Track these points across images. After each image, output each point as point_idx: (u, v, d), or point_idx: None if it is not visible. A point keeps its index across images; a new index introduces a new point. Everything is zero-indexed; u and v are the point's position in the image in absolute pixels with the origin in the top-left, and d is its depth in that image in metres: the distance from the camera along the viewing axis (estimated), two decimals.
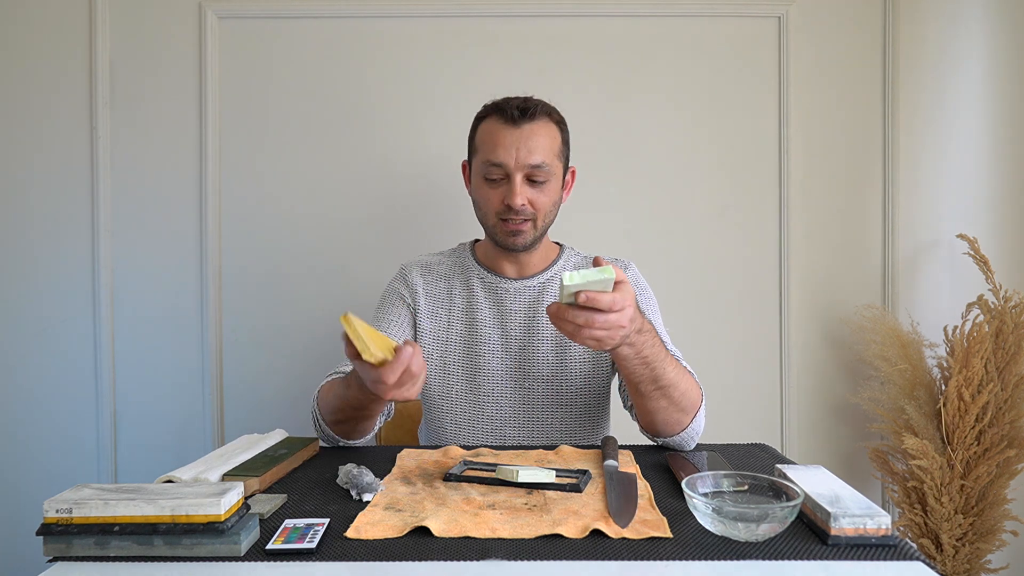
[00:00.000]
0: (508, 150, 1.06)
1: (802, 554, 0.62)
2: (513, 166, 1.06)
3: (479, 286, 1.17)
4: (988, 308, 1.51)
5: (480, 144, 1.12)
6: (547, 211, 1.12)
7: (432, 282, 1.19)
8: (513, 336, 1.14)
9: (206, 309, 1.61)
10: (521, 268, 1.18)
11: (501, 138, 1.07)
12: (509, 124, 1.07)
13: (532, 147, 1.06)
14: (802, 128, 1.63)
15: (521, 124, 1.07)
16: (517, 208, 1.07)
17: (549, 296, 1.16)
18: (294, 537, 0.65)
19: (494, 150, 1.07)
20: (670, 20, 1.62)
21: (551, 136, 1.10)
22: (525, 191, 1.08)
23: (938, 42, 1.64)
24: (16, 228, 1.61)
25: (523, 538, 0.65)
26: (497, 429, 1.13)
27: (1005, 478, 1.50)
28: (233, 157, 1.62)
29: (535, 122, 1.08)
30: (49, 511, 0.62)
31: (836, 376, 1.67)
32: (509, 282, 1.16)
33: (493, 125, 1.09)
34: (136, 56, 1.61)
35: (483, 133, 1.11)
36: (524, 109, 1.07)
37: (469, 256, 1.21)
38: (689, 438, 1.01)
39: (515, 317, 1.15)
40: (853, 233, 1.65)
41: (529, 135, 1.07)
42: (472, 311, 1.16)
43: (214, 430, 1.62)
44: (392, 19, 1.61)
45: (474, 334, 1.15)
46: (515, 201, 1.06)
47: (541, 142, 1.08)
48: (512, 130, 1.07)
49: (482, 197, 1.12)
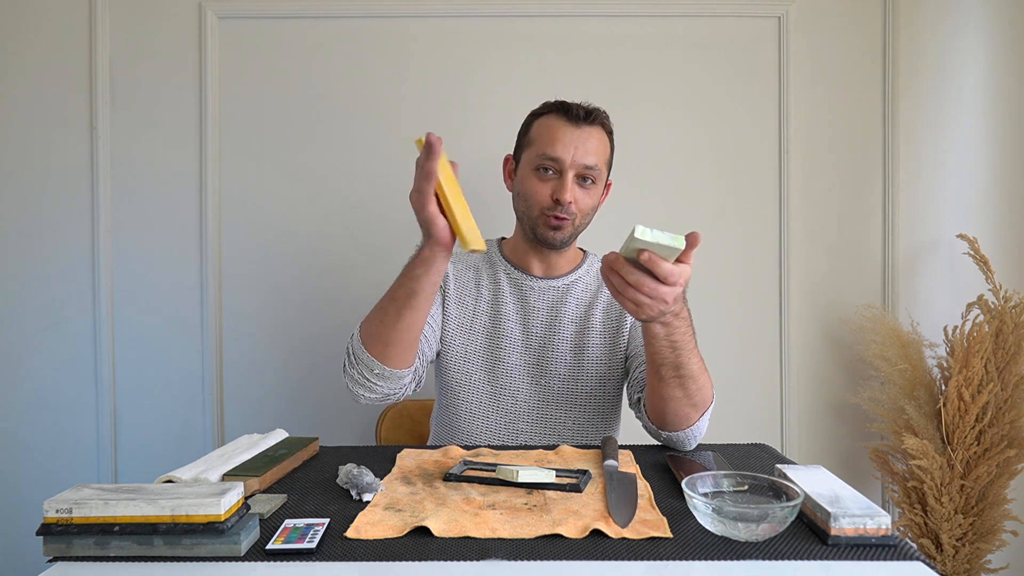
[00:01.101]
0: (567, 147, 1.10)
1: (802, 554, 0.62)
2: (569, 163, 1.11)
3: (505, 281, 1.20)
4: (988, 308, 1.51)
5: (537, 138, 1.15)
6: (586, 213, 1.16)
7: (462, 271, 1.22)
8: (535, 333, 1.17)
9: (206, 309, 1.61)
10: (548, 268, 1.21)
11: (562, 135, 1.11)
12: (571, 123, 1.12)
13: (589, 149, 1.11)
14: (802, 128, 1.63)
15: (582, 126, 1.12)
16: (565, 203, 1.11)
17: (572, 297, 1.19)
18: (294, 537, 0.65)
19: (552, 145, 1.11)
20: (670, 20, 1.62)
21: (604, 143, 1.15)
22: (576, 190, 1.12)
23: (938, 42, 1.64)
24: (16, 228, 1.61)
25: (523, 538, 0.65)
26: (511, 423, 1.15)
27: (1005, 478, 1.50)
28: (233, 157, 1.62)
29: (594, 127, 1.13)
30: (49, 511, 0.62)
31: (836, 376, 1.67)
32: (535, 280, 1.20)
33: (554, 121, 1.13)
34: (136, 56, 1.61)
35: (542, 127, 1.15)
36: (588, 112, 1.13)
37: (497, 252, 1.25)
38: (692, 437, 1.01)
39: (538, 315, 1.18)
40: (853, 233, 1.65)
41: (588, 137, 1.12)
42: (497, 304, 1.19)
43: (214, 430, 1.62)
44: (392, 19, 1.61)
45: (497, 327, 1.17)
46: (565, 196, 1.10)
47: (596, 146, 1.13)
48: (573, 129, 1.12)
49: (530, 189, 1.14)
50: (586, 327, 1.18)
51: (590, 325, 1.18)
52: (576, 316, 1.18)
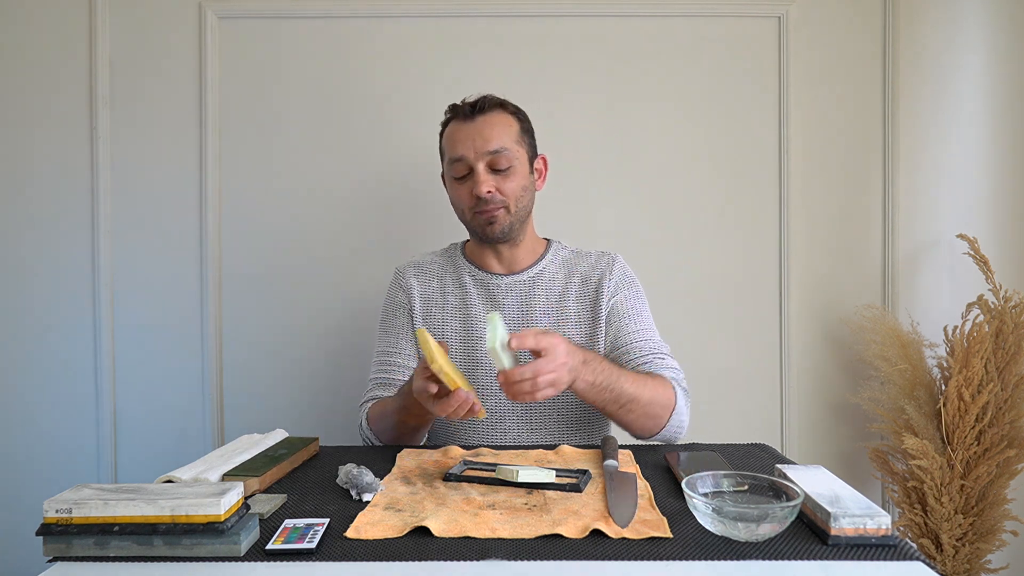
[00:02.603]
0: (465, 143, 1.12)
1: (802, 554, 0.62)
2: (473, 156, 1.12)
3: (471, 283, 1.20)
4: (988, 308, 1.51)
5: (445, 147, 1.18)
6: (517, 196, 1.15)
7: (426, 282, 1.22)
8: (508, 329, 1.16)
9: (206, 310, 1.61)
10: (509, 264, 1.21)
11: (458, 134, 1.14)
12: (464, 120, 1.14)
13: (487, 136, 1.12)
14: (802, 128, 1.63)
15: (474, 117, 1.13)
16: (484, 196, 1.11)
17: (540, 290, 1.19)
18: (294, 537, 0.65)
19: (454, 146, 1.14)
20: (670, 20, 1.62)
21: (506, 124, 1.15)
22: (489, 179, 1.12)
23: (938, 42, 1.64)
24: (16, 228, 1.61)
25: (523, 538, 0.65)
26: (498, 421, 1.15)
27: (1005, 478, 1.50)
28: (233, 157, 1.62)
29: (487, 114, 1.14)
30: (49, 511, 0.62)
31: (836, 376, 1.67)
32: (499, 278, 1.20)
33: (451, 126, 1.17)
34: (136, 56, 1.61)
35: (445, 137, 1.18)
36: (474, 104, 1.15)
37: (460, 255, 1.25)
38: (673, 434, 1.05)
39: (508, 312, 1.18)
40: (853, 233, 1.65)
41: (483, 125, 1.13)
42: (465, 308, 1.18)
43: (214, 430, 1.62)
44: (392, 19, 1.61)
45: (469, 330, 1.17)
46: (480, 189, 1.11)
47: (496, 130, 1.13)
48: (467, 124, 1.14)
49: (454, 195, 1.18)
50: (561, 319, 1.17)
51: (565, 316, 1.17)
52: (548, 308, 1.18)
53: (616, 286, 1.19)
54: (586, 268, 1.21)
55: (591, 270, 1.20)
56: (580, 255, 1.24)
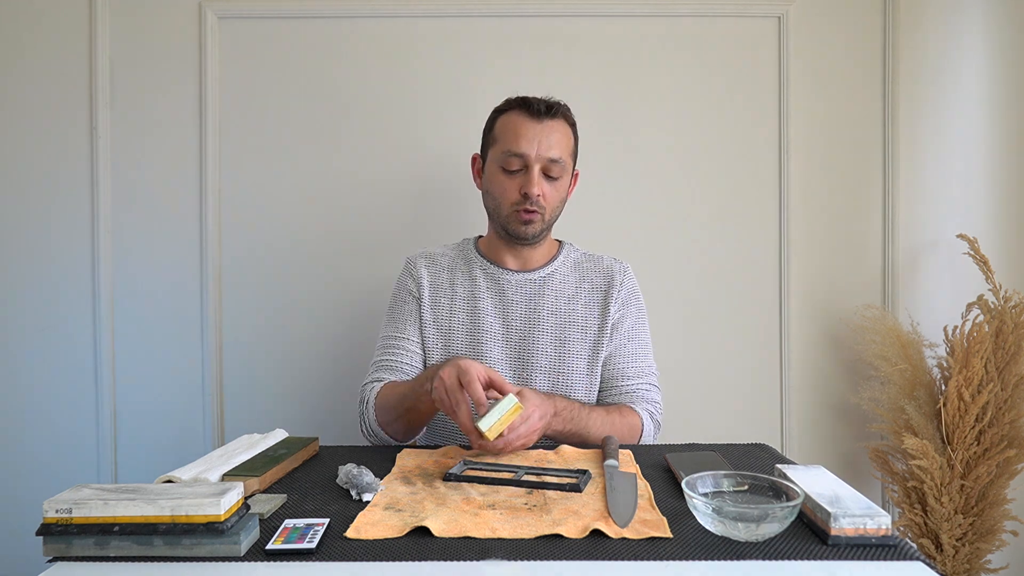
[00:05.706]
0: (531, 142, 1.12)
1: (802, 554, 0.62)
2: (533, 157, 1.12)
3: (481, 276, 1.21)
4: (988, 308, 1.51)
5: (501, 135, 1.16)
6: (555, 206, 1.18)
7: (436, 272, 1.23)
8: (514, 327, 1.18)
9: (206, 309, 1.61)
10: (523, 262, 1.22)
11: (524, 130, 1.13)
12: (533, 118, 1.13)
13: (552, 142, 1.13)
14: (802, 128, 1.63)
15: (544, 120, 1.13)
16: (533, 197, 1.12)
17: (550, 290, 1.20)
18: (294, 537, 0.65)
19: (516, 141, 1.13)
20: (670, 20, 1.62)
21: (567, 135, 1.17)
22: (542, 183, 1.14)
23: (938, 42, 1.64)
24: (16, 228, 1.61)
25: (523, 538, 0.65)
26: None
27: (1005, 478, 1.50)
28: (233, 157, 1.62)
29: (556, 120, 1.15)
30: (49, 511, 0.62)
31: (836, 376, 1.67)
32: (511, 274, 1.21)
33: (516, 118, 1.15)
34: (136, 56, 1.61)
35: (505, 124, 1.16)
36: (549, 106, 1.15)
37: (472, 249, 1.26)
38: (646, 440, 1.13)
39: (516, 308, 1.18)
40: (853, 233, 1.65)
41: (550, 131, 1.13)
42: (474, 300, 1.19)
43: (214, 430, 1.62)
44: (392, 19, 1.61)
45: (476, 322, 1.18)
46: (532, 190, 1.12)
47: (560, 140, 1.14)
48: (535, 124, 1.13)
49: (498, 186, 1.16)
50: (568, 320, 1.18)
51: (572, 319, 1.18)
52: (556, 308, 1.18)
53: (624, 301, 1.21)
54: (597, 275, 1.23)
55: (602, 277, 1.22)
56: (592, 259, 1.26)
